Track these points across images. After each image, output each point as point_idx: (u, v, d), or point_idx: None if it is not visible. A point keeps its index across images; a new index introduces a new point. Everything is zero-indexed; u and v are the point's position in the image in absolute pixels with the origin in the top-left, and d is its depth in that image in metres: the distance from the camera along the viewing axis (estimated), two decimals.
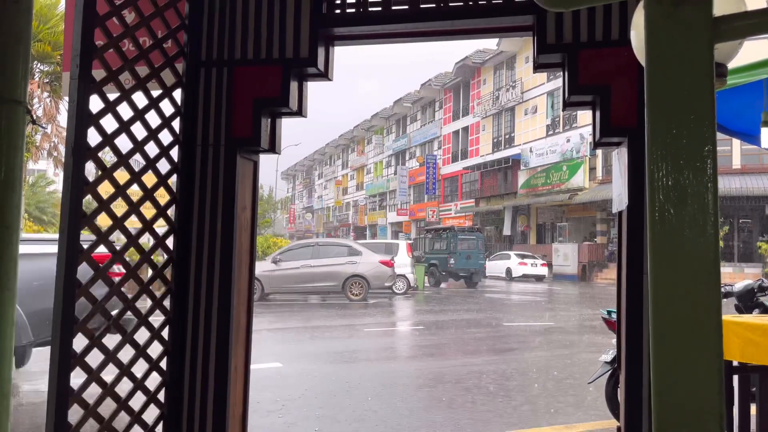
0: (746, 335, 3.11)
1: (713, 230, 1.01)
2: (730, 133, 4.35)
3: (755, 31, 1.11)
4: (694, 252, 1.02)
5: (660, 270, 1.04)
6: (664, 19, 1.07)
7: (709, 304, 1.01)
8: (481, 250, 23.41)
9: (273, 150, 2.56)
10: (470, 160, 38.66)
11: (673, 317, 1.05)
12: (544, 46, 2.27)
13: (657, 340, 1.05)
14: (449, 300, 17.00)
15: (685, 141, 1.04)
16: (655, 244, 1.05)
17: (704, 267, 1.01)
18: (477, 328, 11.00)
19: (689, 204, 1.02)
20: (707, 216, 1.01)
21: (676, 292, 1.03)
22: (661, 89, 1.06)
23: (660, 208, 1.05)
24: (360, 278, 15.44)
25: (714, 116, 1.04)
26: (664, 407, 1.05)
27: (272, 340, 9.63)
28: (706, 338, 1.02)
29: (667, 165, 1.05)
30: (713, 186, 1.02)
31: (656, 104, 1.07)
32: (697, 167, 1.02)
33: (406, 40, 2.58)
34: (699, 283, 1.02)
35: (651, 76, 1.08)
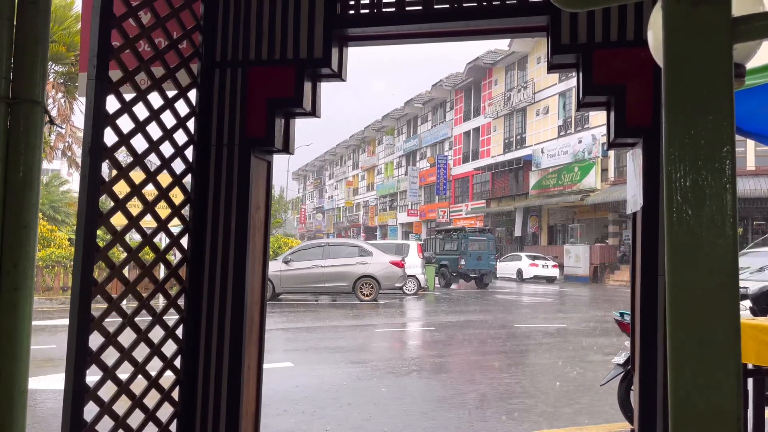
0: (762, 338, 3.08)
1: (732, 231, 1.01)
2: (743, 134, 4.31)
3: None
4: (713, 254, 1.01)
5: (678, 272, 1.03)
6: (683, 18, 1.06)
7: (728, 307, 1.01)
8: (492, 251, 23.35)
9: (286, 150, 2.57)
10: (481, 161, 38.56)
11: (691, 320, 1.04)
12: (558, 46, 2.27)
13: (674, 343, 1.05)
14: (460, 301, 16.97)
15: (703, 141, 1.04)
16: (673, 245, 1.04)
17: (723, 269, 1.01)
18: (488, 329, 10.97)
19: (708, 205, 1.02)
20: (726, 217, 1.01)
21: (694, 294, 1.02)
22: (679, 90, 1.06)
23: (678, 209, 1.04)
24: (371, 279, 15.45)
25: (733, 117, 1.04)
26: (682, 411, 1.04)
27: (283, 339, 9.66)
28: (725, 341, 1.01)
29: (685, 166, 1.04)
30: (732, 187, 1.01)
31: (674, 105, 1.06)
32: (715, 168, 1.02)
33: (419, 40, 2.59)
34: (717, 285, 1.01)
35: (669, 76, 1.07)
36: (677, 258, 1.04)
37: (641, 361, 2.24)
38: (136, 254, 2.21)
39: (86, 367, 2.01)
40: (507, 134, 36.78)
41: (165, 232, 2.35)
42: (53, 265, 15.05)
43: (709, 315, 1.02)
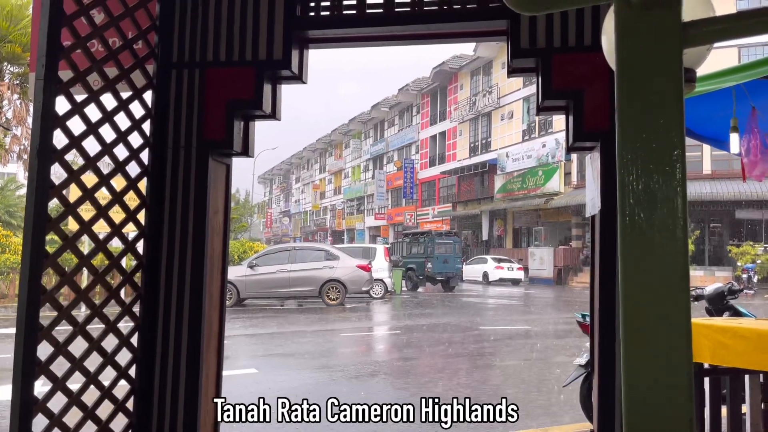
0: (716, 338, 3.16)
1: (682, 234, 1.02)
2: (700, 139, 4.42)
3: (723, 36, 1.12)
4: (664, 256, 1.02)
5: (630, 274, 1.04)
6: (634, 23, 1.07)
7: (679, 308, 1.02)
8: (459, 255, 23.51)
9: (246, 153, 2.53)
10: (448, 165, 38.83)
11: (643, 321, 1.04)
12: (518, 50, 2.28)
13: (627, 345, 1.05)
14: (426, 304, 17.02)
15: (654, 145, 1.04)
16: (626, 248, 1.04)
17: (674, 271, 1.01)
18: (454, 332, 11.02)
19: (659, 208, 1.02)
20: (677, 220, 1.01)
21: (645, 296, 1.03)
22: (630, 93, 1.07)
23: (630, 212, 1.05)
24: (337, 283, 15.38)
25: (683, 121, 1.05)
26: (635, 411, 1.05)
27: (248, 345, 9.53)
28: (676, 342, 1.02)
29: (637, 169, 1.05)
30: (682, 190, 1.02)
31: (626, 109, 1.07)
32: (666, 171, 1.03)
33: (381, 43, 2.58)
34: (668, 287, 1.02)
35: (621, 80, 1.08)
36: (629, 260, 1.04)
37: (600, 362, 2.27)
38: (89, 260, 2.14)
39: (34, 378, 1.93)
40: (473, 138, 37.13)
41: (119, 237, 2.28)
42: (8, 272, 14.56)
43: (661, 316, 1.03)
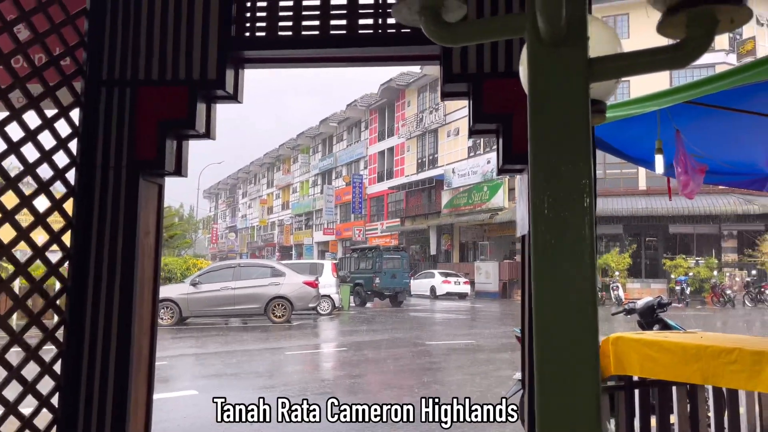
0: (644, 351, 3.28)
1: (590, 260, 1.06)
2: (630, 159, 4.62)
3: (626, 72, 1.19)
4: (573, 281, 1.06)
5: (541, 296, 1.08)
6: (544, 58, 1.12)
7: (587, 330, 1.06)
8: (406, 269, 23.63)
9: (179, 173, 2.48)
10: (396, 180, 39.12)
11: (554, 343, 1.08)
12: (450, 75, 2.34)
13: (539, 364, 1.09)
14: (374, 320, 17.00)
15: (563, 174, 1.09)
16: (537, 273, 1.08)
17: (582, 295, 1.06)
18: (401, 347, 11.04)
19: (568, 235, 1.07)
20: (585, 247, 1.06)
21: (555, 318, 1.07)
22: (540, 125, 1.11)
23: (542, 238, 1.09)
24: (283, 300, 15.18)
25: (590, 151, 1.10)
26: (548, 427, 1.08)
27: (189, 366, 9.28)
28: (584, 363, 1.06)
29: (548, 197, 1.09)
30: (590, 219, 1.07)
31: (537, 139, 1.11)
32: (575, 200, 1.07)
33: (316, 65, 2.59)
34: (578, 310, 1.06)
35: (532, 111, 1.13)
36: (541, 285, 1.08)
37: (529, 376, 2.32)
38: (7, 285, 2.05)
39: None
40: (420, 154, 37.57)
41: (42, 259, 2.19)
42: None
43: (570, 338, 1.07)
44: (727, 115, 4.07)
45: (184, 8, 2.39)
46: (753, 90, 3.87)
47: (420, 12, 1.24)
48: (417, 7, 1.24)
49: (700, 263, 24.34)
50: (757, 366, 2.68)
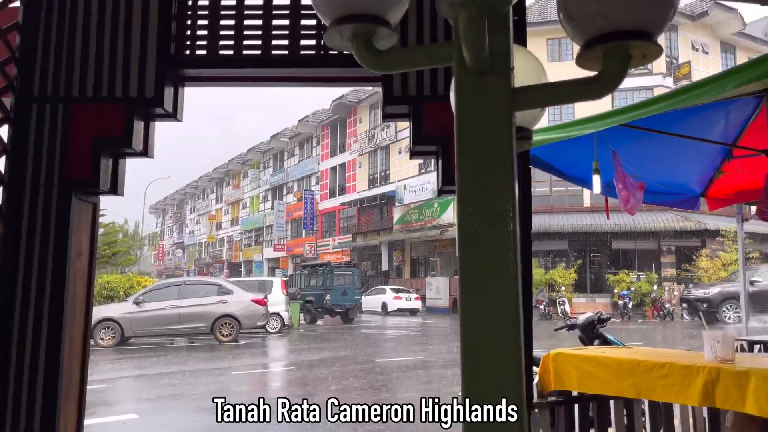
0: (582, 367, 3.37)
1: (513, 281, 1.09)
2: (569, 179, 4.77)
3: (548, 102, 1.24)
4: (498, 302, 1.09)
5: (468, 317, 1.10)
6: (470, 86, 1.15)
7: (511, 348, 1.08)
8: (357, 286, 23.57)
9: (115, 192, 2.42)
10: (348, 196, 39.13)
11: (479, 359, 1.11)
12: (390, 97, 2.37)
13: (465, 379, 1.11)
14: (324, 337, 16.85)
15: (489, 200, 1.12)
16: (464, 292, 1.11)
17: (507, 315, 1.08)
18: (351, 365, 10.97)
19: (494, 257, 1.10)
20: (509, 267, 1.09)
21: (481, 337, 1.09)
22: (467, 151, 1.14)
23: (468, 259, 1.11)
24: (231, 318, 14.88)
25: (513, 176, 1.13)
26: None
27: (131, 388, 8.97)
28: (509, 379, 1.09)
29: (474, 221, 1.12)
30: (513, 240, 1.10)
31: (464, 164, 1.14)
32: (499, 223, 1.10)
33: (258, 84, 2.58)
34: (502, 332, 1.09)
35: (459, 138, 1.15)
36: (468, 304, 1.11)
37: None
38: None
39: None
40: (372, 170, 37.73)
41: None
42: None
43: (495, 355, 1.09)
44: (660, 137, 4.27)
45: (121, 25, 2.35)
46: (684, 114, 4.07)
47: (352, 39, 1.26)
48: (349, 34, 1.26)
49: (641, 278, 25.21)
50: (686, 380, 2.80)
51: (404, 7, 1.26)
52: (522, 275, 2.43)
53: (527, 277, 2.36)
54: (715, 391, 2.66)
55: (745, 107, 4.29)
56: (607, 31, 1.06)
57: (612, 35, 1.06)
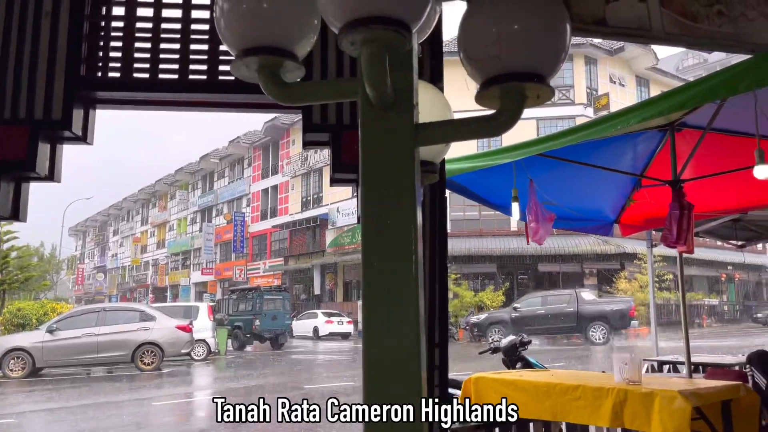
0: (502, 390, 3.44)
1: (414, 311, 1.10)
2: (491, 206, 4.92)
3: (451, 138, 1.28)
4: (400, 331, 1.10)
5: (371, 345, 1.10)
6: (374, 121, 1.17)
7: (413, 377, 1.09)
8: (288, 310, 23.20)
9: (16, 217, 2.29)
10: (279, 219, 38.67)
11: (382, 390, 1.11)
12: (310, 125, 2.37)
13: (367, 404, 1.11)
14: (252, 364, 16.42)
15: (391, 232, 1.13)
16: (368, 323, 1.11)
17: (408, 344, 1.09)
18: (278, 392, 10.73)
19: (395, 288, 1.11)
20: (411, 297, 1.10)
21: (383, 365, 1.10)
22: (371, 184, 1.15)
23: (371, 291, 1.12)
24: (153, 346, 14.27)
25: (416, 210, 1.15)
26: None
27: (41, 423, 8.41)
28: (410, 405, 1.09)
29: (377, 253, 1.13)
30: (415, 271, 1.12)
31: (367, 197, 1.16)
32: (401, 255, 1.12)
33: (175, 108, 2.53)
34: (404, 358, 1.10)
35: (363, 171, 1.17)
36: (370, 334, 1.11)
37: None
38: None
39: None
40: (305, 193, 37.52)
41: None
42: None
43: (396, 387, 1.10)
44: (575, 166, 4.47)
45: (27, 45, 2.25)
46: (597, 145, 4.29)
47: (258, 71, 1.26)
48: (255, 66, 1.26)
49: None
50: (597, 401, 2.90)
51: (312, 41, 1.28)
52: (438, 300, 2.46)
53: (443, 301, 2.39)
54: (624, 412, 2.77)
55: (652, 140, 4.57)
56: (502, 72, 1.11)
57: (507, 76, 1.11)
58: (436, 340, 2.28)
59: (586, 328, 20.23)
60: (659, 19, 2.77)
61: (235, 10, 1.19)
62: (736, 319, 31.42)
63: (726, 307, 32.07)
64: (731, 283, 32.91)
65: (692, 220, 4.02)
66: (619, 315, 20.17)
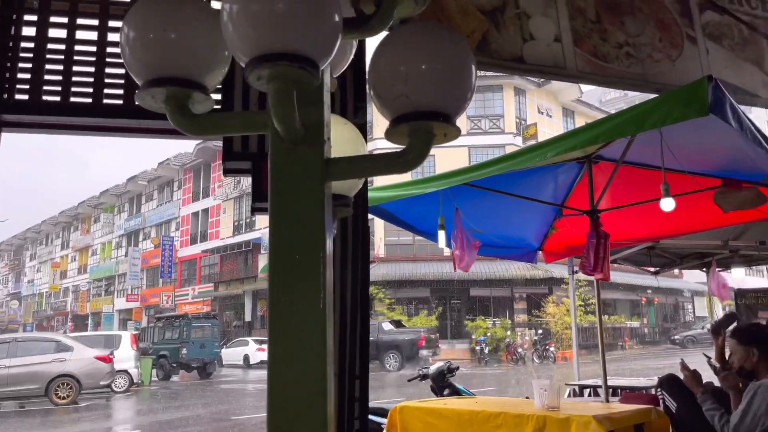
0: (426, 419, 3.44)
1: (321, 342, 1.09)
2: (419, 233, 4.98)
3: (361, 174, 1.29)
4: (307, 364, 1.08)
5: (275, 376, 1.08)
6: (283, 155, 1.16)
7: (319, 418, 1.08)
8: (217, 338, 22.51)
9: None
10: (210, 243, 37.68)
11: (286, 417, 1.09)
12: (230, 153, 2.34)
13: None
14: (178, 395, 15.77)
15: (299, 265, 1.12)
16: (273, 359, 1.09)
17: (315, 375, 1.08)
18: (204, 425, 10.33)
19: (302, 318, 1.10)
20: (319, 330, 1.09)
21: (288, 396, 1.08)
22: (280, 217, 1.14)
23: (278, 324, 1.10)
24: (69, 378, 13.46)
25: (325, 243, 1.14)
26: None
27: None
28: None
29: (285, 287, 1.12)
30: (323, 308, 1.11)
31: (276, 230, 1.14)
32: (310, 287, 1.11)
33: (89, 133, 2.44)
34: (308, 388, 1.08)
35: (272, 204, 1.16)
36: (275, 372, 1.09)
37: None
38: None
39: None
40: (237, 216, 36.79)
41: None
42: None
43: (301, 423, 1.08)
44: (500, 195, 4.60)
45: None
46: (521, 175, 4.44)
47: (165, 102, 1.23)
48: (162, 97, 1.23)
49: (496, 324, 26.61)
50: (518, 428, 2.95)
51: (223, 72, 1.26)
52: (360, 330, 2.44)
53: (364, 332, 2.38)
54: None
55: (571, 171, 4.77)
56: (410, 111, 1.13)
57: (415, 115, 1.13)
58: (356, 371, 2.26)
59: (383, 356, 21.48)
60: (573, 58, 2.91)
61: (141, 38, 1.16)
62: (656, 340, 32.93)
63: (646, 329, 33.55)
64: (651, 306, 34.53)
65: (608, 248, 4.20)
66: (409, 344, 21.46)
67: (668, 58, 3.24)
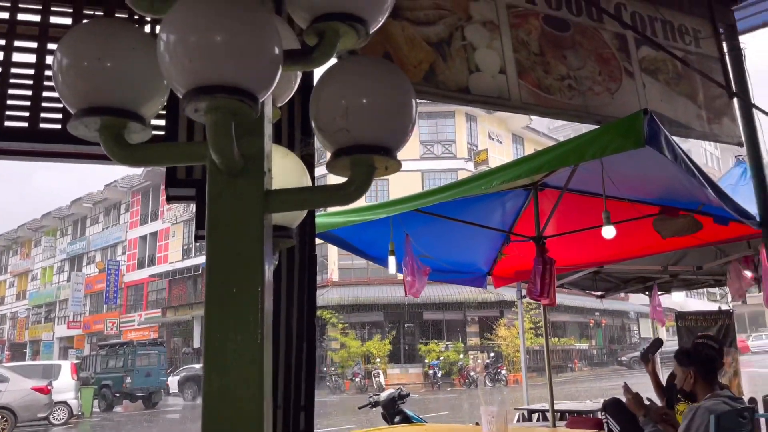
0: None
1: (259, 382, 1.06)
2: (370, 258, 4.98)
3: (303, 205, 1.27)
4: (244, 399, 1.05)
5: (210, 420, 1.05)
6: (222, 186, 1.14)
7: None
8: (163, 366, 21.77)
9: None
10: (158, 267, 36.66)
11: None
12: (174, 180, 2.29)
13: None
14: (120, 427, 15.13)
15: (236, 298, 1.10)
16: (208, 394, 1.06)
17: (252, 416, 1.05)
18: None
19: (238, 355, 1.07)
20: (257, 365, 1.06)
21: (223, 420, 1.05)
22: (217, 249, 1.12)
23: (213, 355, 1.07)
24: (4, 410, 12.76)
25: (264, 276, 1.12)
26: None
27: None
28: None
29: (221, 321, 1.09)
30: (261, 341, 1.08)
31: (213, 263, 1.12)
32: (247, 322, 1.08)
33: (25, 158, 2.35)
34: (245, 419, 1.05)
35: (209, 236, 1.13)
36: (210, 403, 1.05)
37: None
38: None
39: None
40: (187, 240, 35.97)
41: None
42: None
43: None
44: (449, 222, 4.65)
45: None
46: (470, 202, 4.50)
47: (99, 131, 1.20)
48: (96, 126, 1.20)
49: (449, 347, 26.69)
50: None
51: (162, 102, 1.24)
52: (306, 360, 2.40)
53: (310, 361, 2.34)
54: None
55: (518, 198, 4.88)
56: (351, 144, 1.13)
57: (356, 148, 1.13)
58: (302, 402, 2.22)
59: None
60: (517, 90, 2.99)
61: (75, 66, 1.13)
62: (604, 362, 33.64)
63: (594, 351, 34.27)
64: (599, 329, 35.34)
65: (554, 274, 4.29)
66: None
67: (608, 91, 3.37)
